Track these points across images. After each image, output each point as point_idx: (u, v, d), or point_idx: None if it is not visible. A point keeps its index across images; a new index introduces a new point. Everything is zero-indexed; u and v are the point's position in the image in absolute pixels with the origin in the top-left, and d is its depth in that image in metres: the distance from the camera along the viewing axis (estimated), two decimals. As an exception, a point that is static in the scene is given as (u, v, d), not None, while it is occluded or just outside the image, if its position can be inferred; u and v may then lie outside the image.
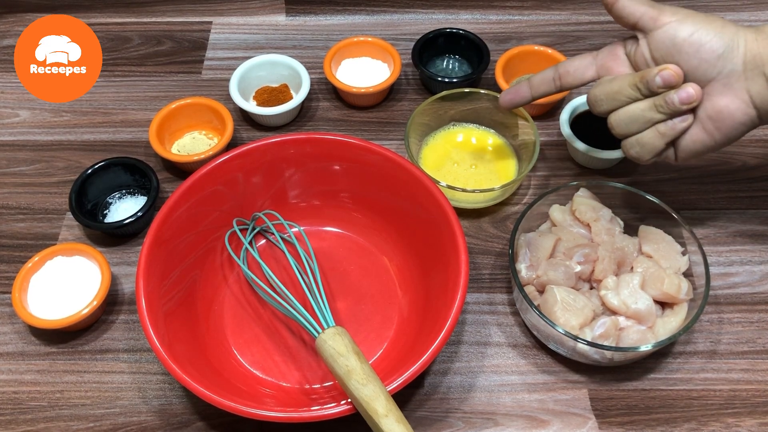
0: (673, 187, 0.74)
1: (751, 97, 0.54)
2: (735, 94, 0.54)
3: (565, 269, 0.61)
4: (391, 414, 0.49)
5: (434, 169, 0.73)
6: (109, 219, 0.72)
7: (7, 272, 0.69)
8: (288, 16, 0.91)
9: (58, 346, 0.64)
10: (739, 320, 0.65)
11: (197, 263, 0.64)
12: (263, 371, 0.61)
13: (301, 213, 0.69)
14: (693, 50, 0.54)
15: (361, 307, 0.65)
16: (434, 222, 0.61)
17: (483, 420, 0.60)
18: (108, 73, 0.86)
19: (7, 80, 0.85)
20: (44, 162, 0.77)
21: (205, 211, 0.64)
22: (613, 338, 0.59)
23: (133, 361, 0.63)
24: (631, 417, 0.60)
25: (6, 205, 0.74)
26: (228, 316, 0.65)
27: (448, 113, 0.76)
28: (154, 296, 0.57)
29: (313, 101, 0.83)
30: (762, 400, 0.60)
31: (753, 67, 0.53)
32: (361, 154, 0.65)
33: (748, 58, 0.53)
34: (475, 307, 0.66)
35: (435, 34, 0.84)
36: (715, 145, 0.56)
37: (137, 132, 0.80)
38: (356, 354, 0.53)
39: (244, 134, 0.80)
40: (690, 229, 0.63)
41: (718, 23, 0.54)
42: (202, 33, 0.90)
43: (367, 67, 0.84)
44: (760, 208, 0.72)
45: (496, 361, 0.63)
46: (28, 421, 0.60)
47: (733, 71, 0.53)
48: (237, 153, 0.64)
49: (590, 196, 0.67)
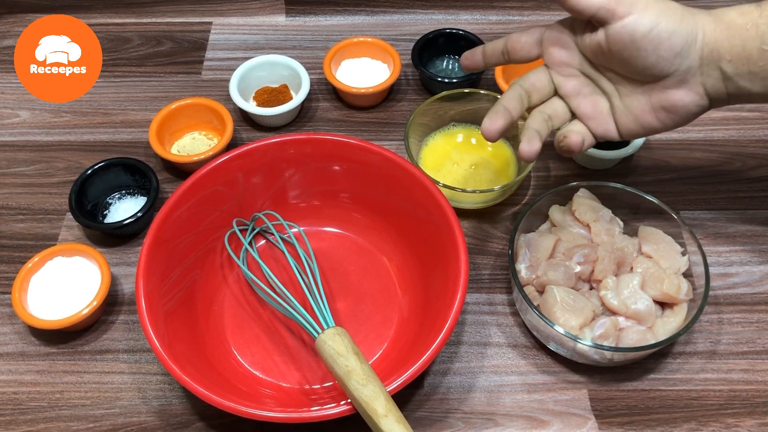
0: (673, 187, 0.74)
1: (706, 89, 0.54)
2: (690, 89, 0.54)
3: (564, 269, 0.61)
4: (390, 414, 0.49)
5: (434, 170, 0.73)
6: (109, 219, 0.72)
7: (7, 272, 0.69)
8: (288, 17, 0.91)
9: (58, 346, 0.64)
10: (738, 320, 0.65)
11: (197, 263, 0.64)
12: (263, 371, 0.61)
13: (301, 213, 0.69)
14: (652, 47, 0.52)
15: (361, 307, 0.65)
16: (434, 222, 0.61)
17: (483, 420, 0.60)
18: (108, 73, 0.86)
19: (7, 80, 0.85)
20: (44, 162, 0.77)
21: (205, 212, 0.64)
22: (613, 338, 0.59)
23: (133, 361, 0.63)
24: (631, 417, 0.60)
25: (6, 206, 0.74)
26: (228, 317, 0.65)
27: (447, 114, 0.76)
28: (154, 296, 0.57)
29: (313, 102, 0.83)
30: (761, 401, 0.60)
31: (709, 62, 0.53)
32: (360, 154, 0.65)
33: (705, 53, 0.53)
34: (475, 307, 0.66)
35: (435, 34, 0.84)
36: (663, 129, 0.57)
37: (137, 132, 0.80)
38: (356, 354, 0.53)
39: (244, 134, 0.80)
40: (690, 229, 0.63)
41: (678, 13, 0.53)
42: (202, 33, 0.90)
43: (367, 67, 0.84)
44: (760, 208, 0.72)
45: (495, 361, 0.63)
46: (28, 422, 0.60)
47: (689, 68, 0.53)
48: (237, 153, 0.64)
49: (590, 197, 0.67)
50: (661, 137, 0.78)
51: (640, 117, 0.56)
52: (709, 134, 0.78)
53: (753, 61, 0.52)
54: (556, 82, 0.58)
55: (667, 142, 0.78)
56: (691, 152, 0.77)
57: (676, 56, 0.53)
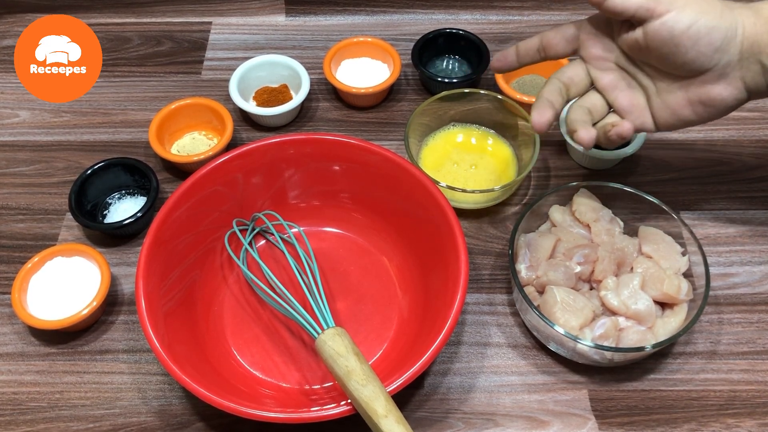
0: (673, 187, 0.74)
1: (745, 83, 0.54)
2: (729, 83, 0.54)
3: (565, 270, 0.61)
4: (390, 414, 0.49)
5: (434, 170, 0.73)
6: (109, 219, 0.72)
7: (7, 273, 0.69)
8: (288, 17, 0.91)
9: (57, 346, 0.64)
10: (738, 321, 0.65)
11: (197, 264, 0.64)
12: (263, 372, 0.61)
13: (301, 213, 0.69)
14: (691, 43, 0.53)
15: (361, 307, 0.65)
16: (434, 222, 0.61)
17: (483, 421, 0.60)
18: (108, 73, 0.86)
19: (7, 80, 0.85)
20: (44, 162, 0.77)
21: (205, 212, 0.64)
22: (613, 339, 0.59)
23: (132, 361, 0.63)
24: (631, 417, 0.60)
25: (6, 206, 0.74)
26: (228, 317, 0.65)
27: (447, 114, 0.76)
28: (154, 297, 0.57)
29: (313, 101, 0.83)
30: (762, 401, 0.60)
31: (749, 56, 0.53)
32: (360, 154, 0.65)
33: (745, 46, 0.53)
34: (475, 307, 0.66)
35: (435, 34, 0.84)
36: (699, 122, 0.57)
37: (137, 132, 0.80)
38: (356, 354, 0.53)
39: (243, 134, 0.80)
40: (690, 229, 0.63)
41: (717, 9, 0.53)
42: (201, 33, 0.90)
43: (366, 67, 0.84)
44: (760, 208, 0.72)
45: (496, 361, 0.63)
46: (28, 422, 0.60)
47: (729, 62, 0.53)
48: (237, 153, 0.64)
49: (590, 197, 0.67)
50: (661, 137, 0.77)
51: (678, 111, 0.57)
52: (709, 134, 0.78)
53: None
54: (593, 75, 0.59)
55: (667, 142, 0.78)
56: (691, 152, 0.77)
57: (716, 51, 0.53)
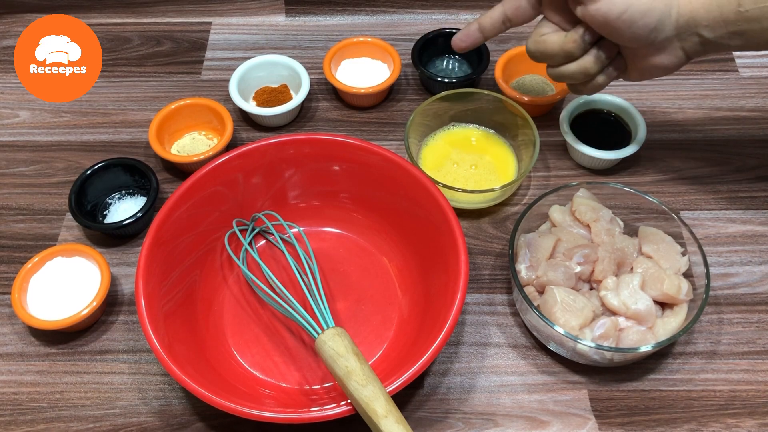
0: (673, 187, 0.74)
1: (685, 51, 0.58)
2: (669, 53, 0.58)
3: (565, 270, 0.61)
4: (390, 415, 0.49)
5: (434, 170, 0.73)
6: (109, 220, 0.72)
7: (7, 273, 0.69)
8: (288, 17, 0.91)
9: (57, 346, 0.64)
10: (739, 321, 0.65)
11: (197, 264, 0.64)
12: (263, 372, 0.61)
13: (301, 213, 0.69)
14: (625, 26, 0.56)
15: (361, 307, 0.65)
16: (434, 222, 0.61)
17: (483, 421, 0.60)
18: (108, 73, 0.86)
19: (7, 80, 0.85)
20: (44, 162, 0.77)
21: (205, 212, 0.64)
22: (613, 339, 0.59)
23: (132, 361, 0.63)
24: (631, 418, 0.60)
25: (6, 206, 0.74)
26: (228, 317, 0.65)
27: (447, 113, 0.76)
28: (154, 297, 0.57)
29: (313, 102, 0.83)
30: (762, 401, 0.60)
31: (686, 29, 0.56)
32: (360, 154, 0.65)
33: (680, 23, 0.56)
34: (475, 307, 0.66)
35: (435, 34, 0.84)
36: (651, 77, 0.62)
37: (137, 132, 0.80)
38: (356, 355, 0.53)
39: (243, 135, 0.80)
40: (690, 229, 0.63)
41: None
42: (201, 33, 0.90)
43: (366, 67, 0.84)
44: (760, 208, 0.72)
45: (495, 361, 0.63)
46: (28, 422, 0.60)
47: (666, 38, 0.57)
48: (237, 153, 0.64)
49: (590, 197, 0.66)
50: (661, 137, 0.77)
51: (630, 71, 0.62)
52: (709, 134, 0.78)
53: (731, 22, 0.55)
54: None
55: (667, 142, 0.78)
56: (691, 152, 0.77)
57: (652, 31, 0.56)
